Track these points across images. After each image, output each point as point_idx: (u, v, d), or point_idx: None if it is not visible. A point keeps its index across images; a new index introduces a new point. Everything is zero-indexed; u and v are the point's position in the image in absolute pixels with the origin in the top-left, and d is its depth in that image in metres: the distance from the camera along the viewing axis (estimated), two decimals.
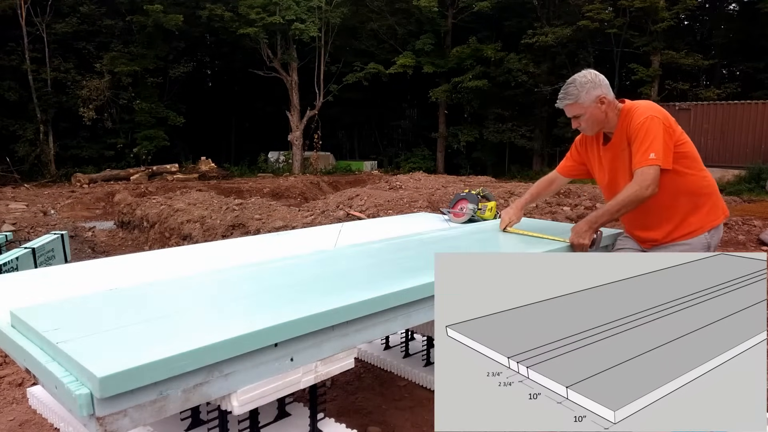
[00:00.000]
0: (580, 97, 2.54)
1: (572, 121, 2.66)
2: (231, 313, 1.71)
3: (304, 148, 25.65)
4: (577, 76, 2.58)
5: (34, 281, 2.23)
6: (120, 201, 13.49)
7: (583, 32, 22.02)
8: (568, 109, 2.61)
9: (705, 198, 2.57)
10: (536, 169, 24.65)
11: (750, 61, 23.40)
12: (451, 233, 3.11)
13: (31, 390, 2.59)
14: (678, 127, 2.54)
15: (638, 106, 2.55)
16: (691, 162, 2.54)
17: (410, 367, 3.16)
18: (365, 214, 8.47)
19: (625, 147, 2.55)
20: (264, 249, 2.82)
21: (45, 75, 21.86)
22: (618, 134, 2.59)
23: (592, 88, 2.52)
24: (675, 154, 2.46)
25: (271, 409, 2.22)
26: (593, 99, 2.53)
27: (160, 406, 1.40)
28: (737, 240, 6.58)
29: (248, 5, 22.77)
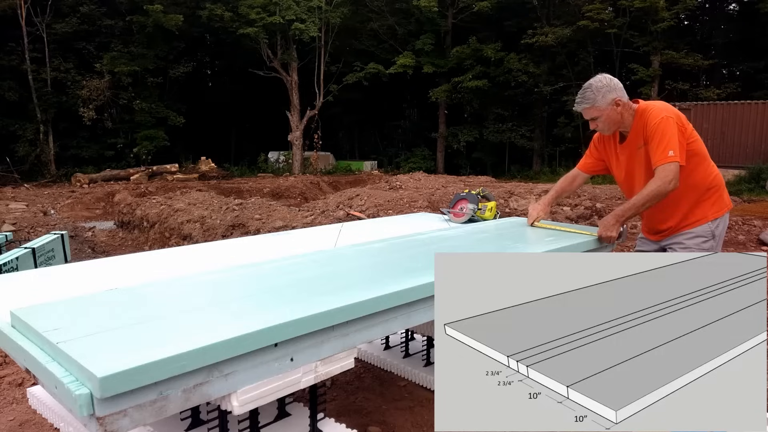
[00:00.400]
0: (597, 100, 2.67)
1: (590, 123, 2.81)
2: (231, 313, 1.71)
3: (304, 148, 25.65)
4: (593, 81, 2.72)
5: (34, 281, 2.23)
6: (120, 201, 13.50)
7: (583, 32, 22.02)
8: (586, 112, 2.75)
9: (712, 191, 2.72)
10: (536, 169, 24.66)
11: (750, 61, 23.40)
12: (451, 233, 3.11)
13: (31, 390, 2.59)
14: (689, 125, 2.69)
15: (652, 107, 2.68)
16: (701, 159, 2.71)
17: (410, 367, 3.16)
18: (365, 214, 8.47)
19: (641, 145, 2.70)
20: (264, 249, 2.82)
21: (45, 75, 21.86)
22: (633, 133, 2.74)
23: (607, 92, 2.67)
24: (686, 151, 2.62)
25: (271, 409, 2.22)
26: (609, 102, 2.67)
27: (160, 406, 1.40)
28: (737, 240, 6.58)
29: (248, 5, 22.78)
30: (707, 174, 2.72)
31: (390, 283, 1.98)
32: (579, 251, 2.73)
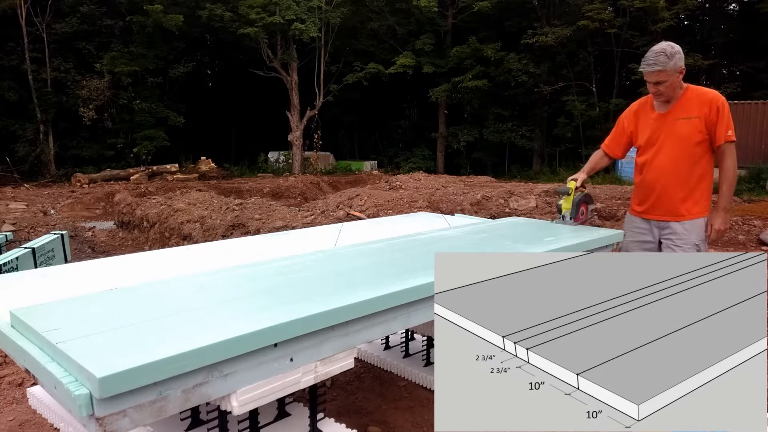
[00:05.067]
0: (668, 65, 2.79)
1: (651, 87, 2.90)
2: (230, 313, 1.71)
3: (304, 148, 25.64)
4: (666, 45, 2.82)
5: (34, 281, 2.23)
6: (120, 201, 13.49)
7: (583, 32, 22.00)
8: (655, 75, 2.83)
9: (710, 184, 2.97)
10: (536, 169, 24.64)
11: (750, 61, 23.37)
12: (451, 233, 3.11)
13: (31, 390, 2.59)
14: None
15: (704, 88, 2.95)
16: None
17: (410, 367, 3.16)
18: (365, 214, 8.47)
19: (690, 117, 2.86)
20: (264, 249, 2.82)
21: (45, 75, 21.84)
22: (682, 105, 2.91)
23: (679, 60, 2.81)
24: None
25: (271, 409, 2.22)
26: (677, 69, 2.82)
27: (160, 407, 1.39)
28: (737, 240, 6.58)
29: (248, 5, 22.76)
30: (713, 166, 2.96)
31: (390, 283, 1.98)
32: (579, 251, 2.73)
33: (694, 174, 2.89)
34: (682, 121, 2.88)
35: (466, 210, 8.82)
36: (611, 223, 7.64)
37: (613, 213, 8.65)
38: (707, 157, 2.90)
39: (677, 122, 2.90)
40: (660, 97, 2.94)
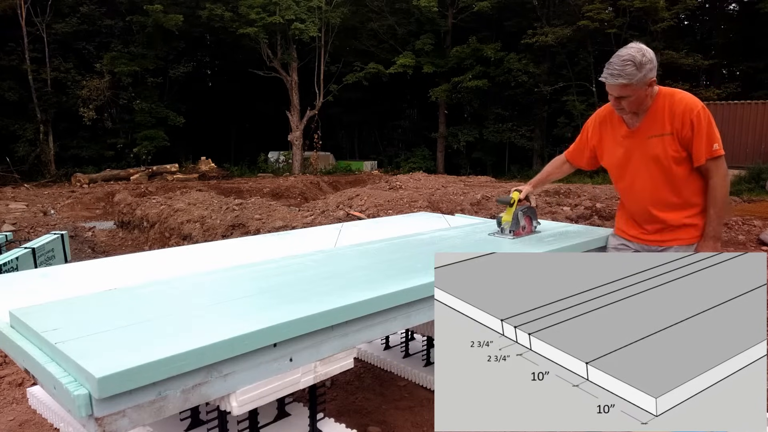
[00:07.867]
0: (635, 78, 2.29)
1: (613, 100, 2.44)
2: (230, 313, 1.71)
3: (304, 148, 25.65)
4: (635, 53, 2.28)
5: (34, 281, 2.23)
6: (120, 201, 13.48)
7: (583, 32, 22.01)
8: (618, 89, 2.35)
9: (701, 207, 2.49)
10: (536, 169, 24.58)
11: (750, 61, 23.38)
12: (451, 233, 3.11)
13: (31, 390, 2.58)
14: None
15: (680, 92, 2.42)
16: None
17: (410, 367, 3.16)
18: (365, 214, 8.47)
19: (662, 133, 2.39)
20: (264, 249, 2.82)
21: (45, 75, 21.86)
22: (651, 119, 2.42)
23: (650, 70, 2.29)
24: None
25: (271, 409, 2.21)
26: (647, 82, 2.32)
27: (159, 407, 1.39)
28: (737, 240, 6.58)
29: (248, 5, 22.77)
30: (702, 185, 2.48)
31: (390, 283, 1.98)
32: (579, 251, 2.73)
33: (683, 194, 2.44)
34: (655, 139, 2.40)
35: (466, 210, 8.83)
36: (611, 223, 7.63)
37: (613, 213, 8.64)
38: (697, 171, 2.42)
39: (650, 141, 2.41)
40: (622, 113, 2.48)
